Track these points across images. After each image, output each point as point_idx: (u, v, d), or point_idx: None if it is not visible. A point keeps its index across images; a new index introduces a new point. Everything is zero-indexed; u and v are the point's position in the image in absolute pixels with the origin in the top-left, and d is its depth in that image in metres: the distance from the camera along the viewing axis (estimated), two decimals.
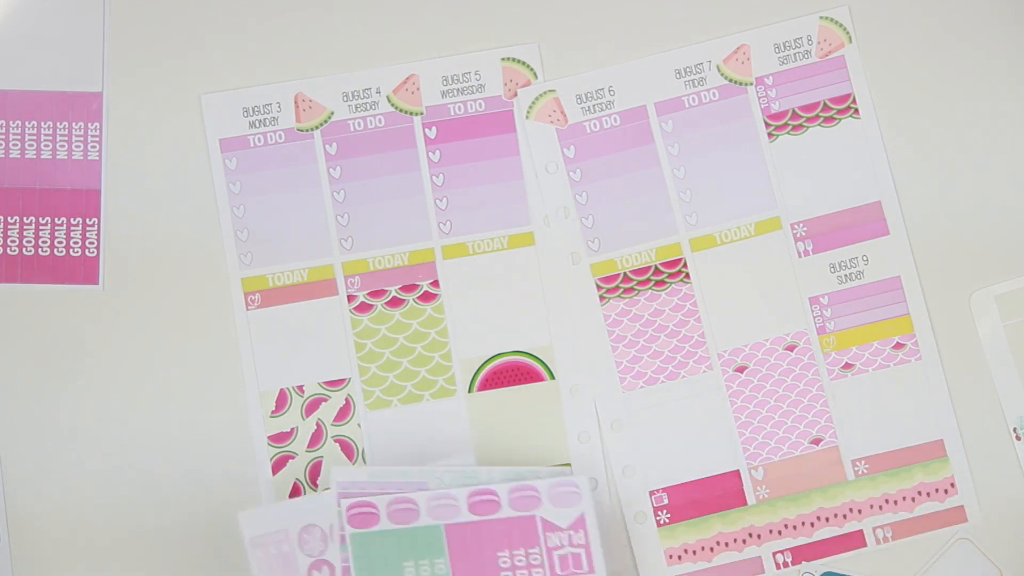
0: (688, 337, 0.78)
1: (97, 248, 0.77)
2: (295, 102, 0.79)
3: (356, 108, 0.79)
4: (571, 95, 0.79)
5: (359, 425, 0.77)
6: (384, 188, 0.78)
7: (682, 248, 0.78)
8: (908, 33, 0.79)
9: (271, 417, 0.77)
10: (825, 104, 0.79)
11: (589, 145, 0.79)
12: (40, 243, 0.77)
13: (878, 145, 0.78)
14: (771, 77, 0.79)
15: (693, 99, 0.79)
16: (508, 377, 0.78)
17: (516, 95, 0.79)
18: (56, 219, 0.77)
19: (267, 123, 0.79)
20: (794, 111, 0.79)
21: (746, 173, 0.78)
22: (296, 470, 0.77)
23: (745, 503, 0.77)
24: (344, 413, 0.77)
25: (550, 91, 0.79)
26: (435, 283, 0.78)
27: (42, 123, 0.77)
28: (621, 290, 0.78)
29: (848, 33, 0.79)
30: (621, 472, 0.77)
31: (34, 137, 0.78)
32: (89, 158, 0.77)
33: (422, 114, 0.79)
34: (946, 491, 0.77)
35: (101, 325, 0.77)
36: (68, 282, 0.77)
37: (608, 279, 0.78)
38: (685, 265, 0.78)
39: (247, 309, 0.78)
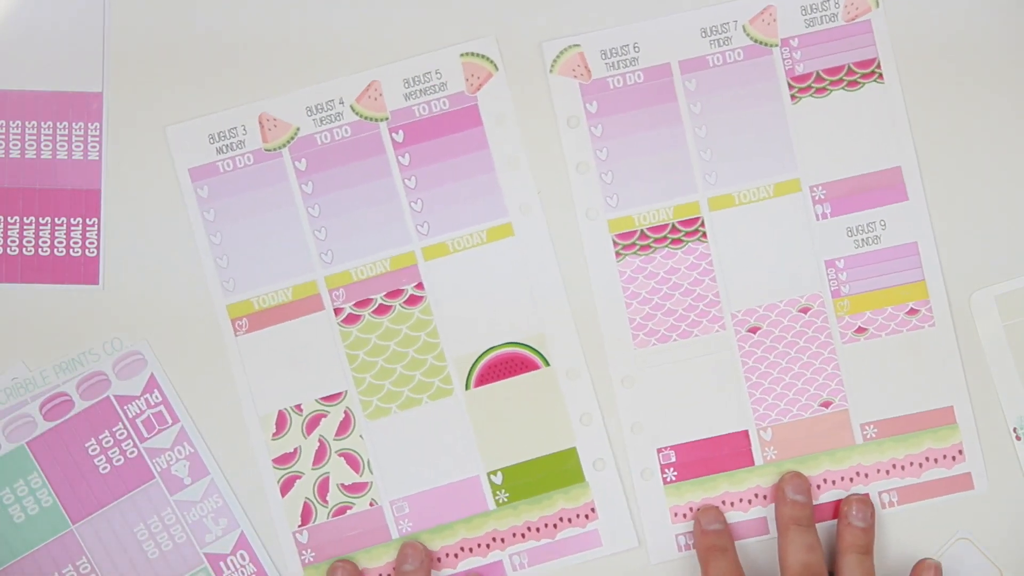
0: (702, 296, 0.78)
1: (97, 248, 0.77)
2: (260, 122, 0.77)
3: (321, 121, 0.78)
4: (596, 50, 0.78)
5: (361, 436, 0.77)
6: (358, 197, 0.78)
7: (700, 207, 0.78)
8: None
9: (273, 440, 0.77)
10: (849, 68, 0.78)
11: (612, 101, 0.79)
12: (40, 243, 0.76)
13: (900, 111, 0.78)
14: (796, 39, 0.78)
15: (718, 58, 0.78)
16: (503, 370, 0.77)
17: (480, 89, 0.78)
18: (56, 219, 0.76)
19: (234, 147, 0.77)
20: (818, 74, 0.78)
21: (767, 134, 0.78)
22: (304, 489, 0.77)
23: (752, 463, 0.78)
24: (345, 427, 0.77)
25: (575, 45, 0.78)
26: (419, 285, 0.78)
27: (42, 123, 0.76)
28: (638, 247, 0.78)
29: None
30: (630, 429, 0.78)
31: (34, 137, 0.77)
32: (89, 158, 0.77)
33: (387, 119, 0.78)
34: (954, 458, 0.78)
35: (101, 325, 0.77)
36: (68, 282, 0.76)
37: (625, 235, 0.78)
38: (702, 224, 0.78)
39: (236, 335, 0.77)
